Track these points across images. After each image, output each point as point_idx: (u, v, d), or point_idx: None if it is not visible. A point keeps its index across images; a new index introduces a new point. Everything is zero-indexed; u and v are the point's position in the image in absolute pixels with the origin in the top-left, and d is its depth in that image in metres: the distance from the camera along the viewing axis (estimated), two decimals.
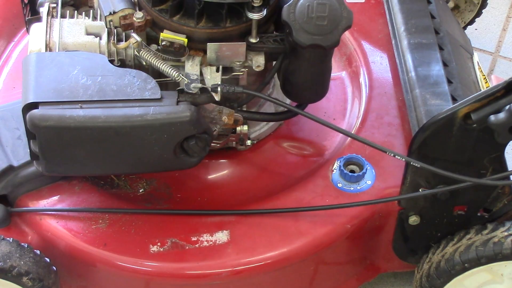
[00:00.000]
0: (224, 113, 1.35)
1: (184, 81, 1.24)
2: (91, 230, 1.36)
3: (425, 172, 1.32)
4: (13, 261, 1.29)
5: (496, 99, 1.20)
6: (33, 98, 1.18)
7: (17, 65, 1.63)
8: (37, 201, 1.39)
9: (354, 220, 1.39)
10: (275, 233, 1.36)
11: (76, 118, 1.17)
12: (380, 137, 1.49)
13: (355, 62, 1.64)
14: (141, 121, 1.18)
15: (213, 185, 1.47)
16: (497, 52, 2.13)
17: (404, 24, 1.59)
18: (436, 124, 1.26)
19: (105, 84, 1.20)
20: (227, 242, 1.35)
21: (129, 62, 1.31)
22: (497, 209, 1.39)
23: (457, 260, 1.34)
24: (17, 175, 1.37)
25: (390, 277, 1.64)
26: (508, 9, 2.22)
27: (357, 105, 1.57)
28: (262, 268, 1.36)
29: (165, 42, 1.25)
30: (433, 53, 1.52)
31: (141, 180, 1.45)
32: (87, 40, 1.30)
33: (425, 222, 1.41)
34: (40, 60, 1.23)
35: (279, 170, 1.49)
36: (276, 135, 1.53)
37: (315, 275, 1.46)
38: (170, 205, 1.42)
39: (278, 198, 1.41)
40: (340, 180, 1.42)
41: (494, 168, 1.30)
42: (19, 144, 1.38)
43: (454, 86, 1.46)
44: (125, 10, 1.26)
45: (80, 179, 1.42)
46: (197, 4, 1.22)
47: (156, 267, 1.33)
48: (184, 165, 1.27)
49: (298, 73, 1.33)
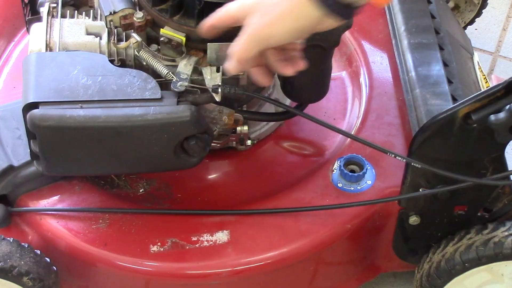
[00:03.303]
0: (225, 113, 1.35)
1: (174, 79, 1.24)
2: (92, 230, 1.36)
3: (425, 172, 1.32)
4: (13, 261, 1.29)
5: (496, 99, 1.20)
6: (34, 98, 1.18)
7: (17, 65, 1.63)
8: (37, 201, 1.39)
9: (354, 220, 1.39)
10: (275, 233, 1.36)
11: (77, 118, 1.17)
12: (380, 137, 1.49)
13: (355, 62, 1.64)
14: (142, 121, 1.18)
15: (213, 185, 1.47)
16: (497, 52, 2.13)
17: (404, 24, 1.59)
18: (436, 124, 1.26)
19: (106, 84, 1.20)
20: (227, 242, 1.35)
21: (129, 62, 1.31)
22: (498, 209, 1.39)
23: (457, 260, 1.34)
24: (17, 175, 1.37)
25: (390, 277, 1.64)
26: (508, 9, 2.22)
27: (357, 105, 1.57)
28: (262, 268, 1.36)
29: (164, 38, 1.25)
30: (433, 53, 1.52)
31: (141, 180, 1.45)
32: (87, 40, 1.30)
33: (426, 222, 1.41)
34: (40, 60, 1.23)
35: (279, 170, 1.49)
36: (276, 135, 1.53)
37: (315, 275, 1.46)
38: (171, 205, 1.42)
39: (278, 198, 1.41)
40: (340, 180, 1.42)
41: (494, 168, 1.30)
42: (19, 144, 1.38)
43: (455, 86, 1.46)
44: (126, 10, 1.26)
45: (80, 179, 1.42)
46: (197, 4, 1.22)
47: (156, 267, 1.33)
48: (184, 165, 1.27)
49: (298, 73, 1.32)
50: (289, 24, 1.05)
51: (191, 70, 1.25)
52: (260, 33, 1.07)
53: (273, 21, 1.06)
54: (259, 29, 1.07)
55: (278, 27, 1.06)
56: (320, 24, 1.06)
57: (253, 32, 1.08)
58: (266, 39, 1.08)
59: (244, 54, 1.11)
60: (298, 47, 1.17)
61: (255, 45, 1.09)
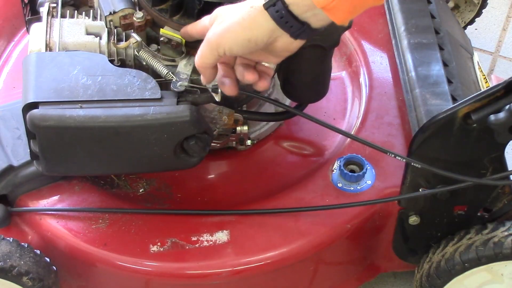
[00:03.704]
0: (224, 113, 1.35)
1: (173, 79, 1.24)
2: (91, 230, 1.36)
3: (425, 172, 1.32)
4: (13, 261, 1.29)
5: (496, 99, 1.20)
6: (33, 98, 1.18)
7: (17, 65, 1.63)
8: (37, 201, 1.39)
9: (354, 220, 1.39)
10: (275, 233, 1.36)
11: (76, 118, 1.17)
12: (380, 137, 1.49)
13: (355, 62, 1.64)
14: (141, 121, 1.18)
15: (213, 185, 1.47)
16: (497, 52, 2.13)
17: (404, 24, 1.59)
18: (436, 124, 1.26)
19: (105, 84, 1.20)
20: (227, 242, 1.35)
21: (129, 62, 1.31)
22: (497, 209, 1.39)
23: (457, 260, 1.34)
24: (17, 175, 1.37)
25: (390, 277, 1.64)
26: (508, 9, 2.22)
27: (357, 105, 1.57)
28: (262, 268, 1.36)
29: (163, 38, 1.25)
30: (433, 53, 1.52)
31: (141, 180, 1.45)
32: (87, 40, 1.30)
33: (425, 222, 1.41)
34: (40, 60, 1.23)
35: (279, 170, 1.49)
36: (276, 135, 1.53)
37: (315, 275, 1.46)
38: (170, 205, 1.42)
39: (278, 198, 1.41)
40: (340, 180, 1.42)
41: (494, 168, 1.30)
42: (19, 144, 1.38)
43: (454, 86, 1.46)
44: (125, 10, 1.26)
45: (80, 179, 1.42)
46: (197, 4, 1.23)
47: (156, 267, 1.33)
48: (184, 165, 1.27)
49: (298, 73, 1.33)
50: (241, 33, 1.05)
51: (191, 70, 1.25)
52: (214, 41, 1.08)
53: (226, 29, 1.06)
54: (214, 37, 1.08)
55: (230, 35, 1.06)
56: (275, 40, 1.06)
57: (208, 40, 1.09)
58: (219, 47, 1.08)
59: (201, 61, 1.12)
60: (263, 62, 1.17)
61: (209, 53, 1.09)
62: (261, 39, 1.06)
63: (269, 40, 1.06)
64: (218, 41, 1.07)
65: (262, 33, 1.05)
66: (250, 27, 1.05)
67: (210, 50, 1.09)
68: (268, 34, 1.05)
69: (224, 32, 1.07)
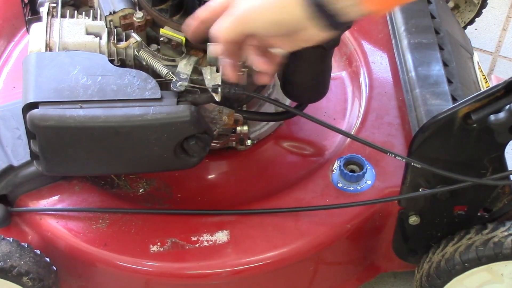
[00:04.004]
0: (224, 113, 1.35)
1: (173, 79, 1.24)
2: (91, 230, 1.36)
3: (425, 172, 1.32)
4: (13, 261, 1.29)
5: (496, 99, 1.20)
6: (33, 98, 1.18)
7: (17, 65, 1.63)
8: (37, 201, 1.39)
9: (354, 220, 1.39)
10: (275, 233, 1.36)
11: (76, 118, 1.17)
12: (380, 137, 1.49)
13: (355, 62, 1.64)
14: (141, 121, 1.18)
15: (213, 185, 1.47)
16: (497, 52, 2.13)
17: (404, 24, 1.59)
18: (436, 124, 1.26)
19: (105, 84, 1.20)
20: (227, 242, 1.35)
21: (129, 62, 1.31)
22: (498, 209, 1.39)
23: (457, 260, 1.34)
24: (17, 175, 1.37)
25: (390, 277, 1.64)
26: (508, 9, 2.22)
27: (357, 105, 1.57)
28: (262, 268, 1.36)
29: (163, 38, 1.25)
30: (433, 53, 1.52)
31: (141, 180, 1.45)
32: (87, 40, 1.30)
33: (425, 222, 1.41)
34: (40, 60, 1.23)
35: (279, 170, 1.49)
36: (276, 135, 1.53)
37: (315, 275, 1.46)
38: (170, 205, 1.42)
39: (278, 198, 1.41)
40: (340, 180, 1.42)
41: (494, 168, 1.30)
42: (19, 144, 1.38)
43: (454, 86, 1.46)
44: (125, 10, 1.26)
45: (80, 179, 1.42)
46: (197, 4, 1.22)
47: (156, 267, 1.33)
48: (184, 165, 1.27)
49: (298, 73, 1.32)
50: (271, 15, 1.01)
51: (191, 70, 1.25)
52: (241, 16, 1.04)
53: (257, 6, 1.02)
54: (246, 11, 1.03)
55: (262, 14, 1.02)
56: (304, 29, 1.02)
57: (240, 13, 1.04)
58: (245, 23, 1.04)
59: (229, 35, 1.07)
60: (280, 49, 1.13)
61: (240, 27, 1.05)
62: (291, 26, 1.02)
63: (297, 27, 1.02)
64: (247, 18, 1.03)
65: (293, 20, 1.01)
66: (281, 11, 1.01)
67: (242, 25, 1.04)
68: (299, 22, 1.01)
69: (255, 9, 1.02)
